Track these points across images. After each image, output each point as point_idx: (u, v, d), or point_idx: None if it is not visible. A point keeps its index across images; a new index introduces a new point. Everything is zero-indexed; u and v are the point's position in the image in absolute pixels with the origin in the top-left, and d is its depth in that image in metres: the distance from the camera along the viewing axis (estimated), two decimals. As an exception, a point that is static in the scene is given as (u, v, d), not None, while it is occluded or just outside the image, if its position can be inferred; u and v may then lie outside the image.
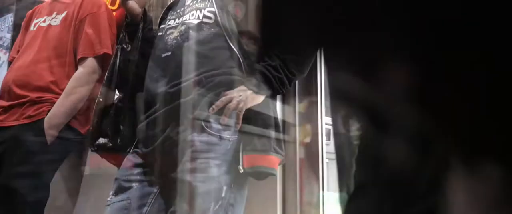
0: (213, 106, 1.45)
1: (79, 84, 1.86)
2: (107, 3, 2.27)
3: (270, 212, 1.56)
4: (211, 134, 1.45)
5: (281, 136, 1.53)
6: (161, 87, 1.50)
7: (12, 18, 2.84)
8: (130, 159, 1.52)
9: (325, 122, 1.65)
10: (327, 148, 2.42)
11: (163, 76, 1.52)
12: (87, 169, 1.99)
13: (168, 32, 1.59)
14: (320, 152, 1.59)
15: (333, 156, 2.34)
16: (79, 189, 1.98)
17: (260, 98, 1.50)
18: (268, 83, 1.48)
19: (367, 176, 0.76)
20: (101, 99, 1.65)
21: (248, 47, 1.52)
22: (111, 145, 1.59)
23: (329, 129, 2.46)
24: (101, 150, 1.64)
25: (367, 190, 0.75)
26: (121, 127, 1.59)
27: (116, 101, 1.63)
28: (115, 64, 1.70)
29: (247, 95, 1.46)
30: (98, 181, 1.96)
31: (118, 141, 1.59)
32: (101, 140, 1.61)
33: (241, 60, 1.51)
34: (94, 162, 1.97)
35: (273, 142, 1.48)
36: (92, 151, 1.68)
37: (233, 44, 1.52)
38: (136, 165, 1.51)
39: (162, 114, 1.49)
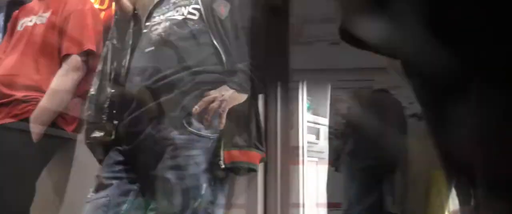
0: (196, 106, 1.45)
1: (63, 82, 1.86)
2: (96, 2, 2.27)
3: (251, 208, 1.56)
4: (192, 132, 1.45)
5: (262, 132, 1.54)
6: (143, 83, 1.50)
7: (2, 18, 2.84)
8: (112, 156, 1.52)
9: (306, 120, 1.64)
10: (315, 147, 2.42)
11: (146, 71, 1.52)
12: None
13: (153, 28, 1.59)
14: (301, 150, 1.58)
15: (322, 155, 2.35)
16: (66, 187, 1.98)
17: (243, 97, 1.50)
18: (250, 83, 1.48)
19: None
20: (93, 93, 1.64)
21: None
22: (107, 138, 1.58)
23: (318, 128, 2.47)
24: (96, 144, 1.62)
25: None
26: (115, 122, 1.58)
27: (109, 96, 1.62)
28: (107, 59, 1.70)
29: (230, 95, 1.47)
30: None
31: (113, 134, 1.58)
32: (97, 133, 1.60)
33: (223, 58, 1.51)
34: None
35: (254, 138, 1.49)
36: (86, 143, 1.66)
37: (216, 41, 1.52)
38: (117, 162, 1.50)
39: (144, 111, 1.49)
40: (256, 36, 1.55)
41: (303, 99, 1.65)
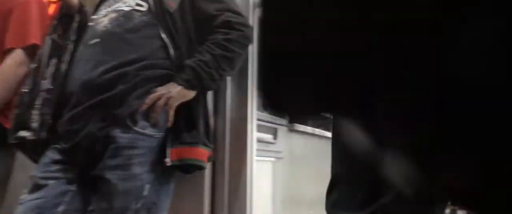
0: (143, 104, 1.39)
1: (6, 76, 1.77)
2: (46, -6, 2.18)
3: (197, 209, 1.51)
4: (137, 131, 1.38)
5: (210, 129, 1.48)
6: (85, 77, 1.43)
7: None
8: (49, 155, 1.44)
9: (256, 118, 1.60)
10: (271, 146, 2.39)
11: (89, 64, 1.45)
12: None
13: (99, 20, 1.53)
14: (248, 149, 1.53)
15: (279, 155, 2.31)
16: (7, 185, 1.88)
17: (191, 94, 1.44)
18: (199, 79, 1.43)
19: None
20: (26, 90, 1.55)
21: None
22: (34, 138, 1.49)
23: (276, 128, 2.43)
24: (22, 144, 1.52)
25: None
26: (50, 121, 1.49)
27: (44, 93, 1.53)
28: (43, 55, 1.61)
29: (177, 92, 1.41)
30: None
31: (44, 134, 1.48)
32: (23, 133, 1.50)
33: (171, 52, 1.45)
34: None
35: (202, 135, 1.43)
36: (10, 143, 1.56)
37: (164, 35, 1.46)
38: (54, 162, 1.42)
39: (85, 107, 1.41)
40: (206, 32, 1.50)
41: (252, 96, 1.60)
